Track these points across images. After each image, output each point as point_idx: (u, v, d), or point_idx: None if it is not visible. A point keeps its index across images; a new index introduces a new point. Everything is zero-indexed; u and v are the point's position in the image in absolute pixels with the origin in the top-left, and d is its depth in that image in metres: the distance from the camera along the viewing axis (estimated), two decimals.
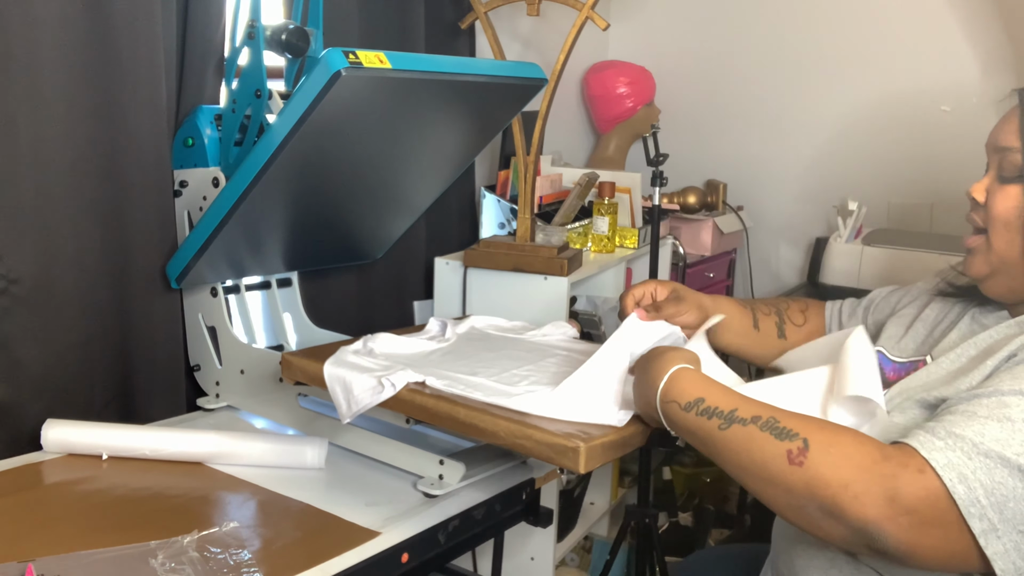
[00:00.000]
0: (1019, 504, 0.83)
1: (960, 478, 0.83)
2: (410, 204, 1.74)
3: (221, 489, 1.25)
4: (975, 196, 1.07)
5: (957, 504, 0.83)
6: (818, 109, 2.70)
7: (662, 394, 1.01)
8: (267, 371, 1.49)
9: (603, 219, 2.17)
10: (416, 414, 1.19)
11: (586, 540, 2.54)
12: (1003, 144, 1.04)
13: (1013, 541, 0.83)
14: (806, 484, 0.87)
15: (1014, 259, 1.03)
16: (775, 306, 1.41)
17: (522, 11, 2.05)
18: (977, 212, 1.07)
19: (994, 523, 0.82)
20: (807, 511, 0.87)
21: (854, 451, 0.87)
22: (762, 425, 0.92)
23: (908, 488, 0.84)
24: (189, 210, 1.52)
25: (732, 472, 0.95)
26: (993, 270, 1.05)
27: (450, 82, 1.37)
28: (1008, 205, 1.02)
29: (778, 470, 0.89)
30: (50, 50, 1.29)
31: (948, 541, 0.83)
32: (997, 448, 0.84)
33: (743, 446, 0.92)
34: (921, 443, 0.86)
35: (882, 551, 0.84)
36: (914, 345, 1.17)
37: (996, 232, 1.04)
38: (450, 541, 1.23)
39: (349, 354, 1.29)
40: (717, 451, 0.95)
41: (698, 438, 0.98)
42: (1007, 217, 1.02)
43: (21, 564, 0.99)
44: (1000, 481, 0.83)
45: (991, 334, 1.03)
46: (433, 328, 1.49)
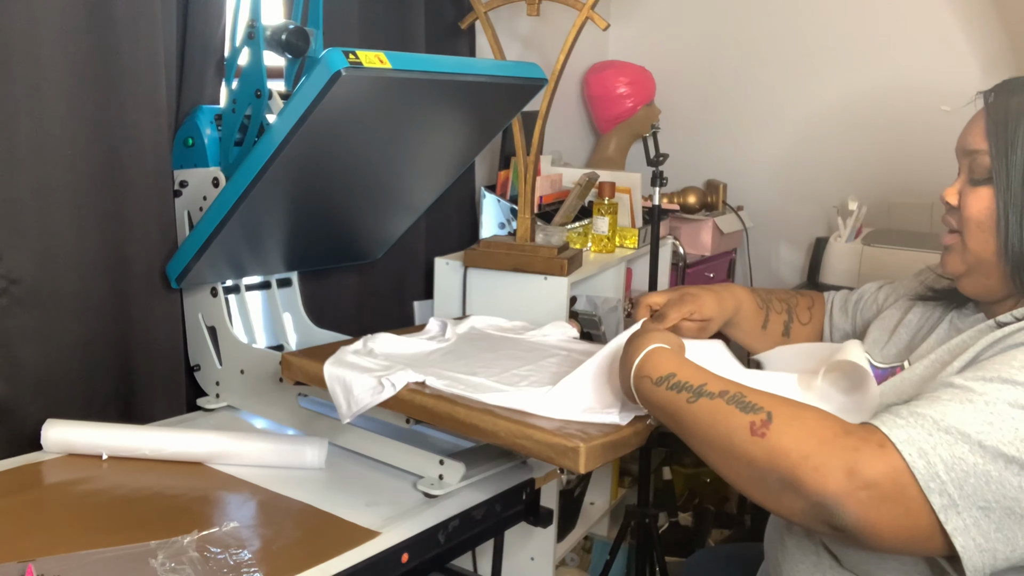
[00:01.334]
0: (979, 480, 0.82)
1: (920, 453, 0.83)
2: (410, 204, 1.74)
3: (221, 489, 1.25)
4: (948, 200, 1.08)
5: (917, 479, 0.82)
6: (818, 109, 2.70)
7: (636, 369, 1.04)
8: (267, 371, 1.49)
9: (603, 219, 2.17)
10: (416, 414, 1.19)
11: (586, 540, 2.54)
12: (972, 147, 1.05)
13: (973, 517, 0.82)
14: (767, 455, 0.88)
15: (989, 258, 1.03)
16: (787, 303, 1.41)
17: (522, 11, 2.05)
18: (951, 215, 1.08)
19: (954, 499, 0.82)
20: (767, 483, 0.88)
21: (816, 425, 0.88)
22: (729, 399, 0.94)
23: (868, 462, 0.84)
24: (189, 210, 1.52)
25: (697, 447, 0.96)
26: (969, 268, 1.06)
27: (450, 82, 1.37)
28: (980, 207, 1.03)
29: (740, 440, 0.90)
30: (50, 50, 1.29)
31: (908, 518, 0.83)
32: (958, 425, 0.84)
33: (709, 418, 0.94)
34: (883, 421, 0.87)
35: (840, 527, 0.84)
36: (896, 351, 1.18)
37: (970, 233, 1.05)
38: (450, 541, 1.23)
39: (349, 354, 1.29)
40: (684, 425, 0.97)
41: (667, 412, 0.99)
42: (979, 218, 1.03)
43: (21, 564, 0.99)
44: (960, 457, 0.83)
45: (963, 338, 1.04)
46: (433, 328, 1.49)
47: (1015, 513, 0.83)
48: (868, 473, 0.83)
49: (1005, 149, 1.01)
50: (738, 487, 0.93)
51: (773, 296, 1.41)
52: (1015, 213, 1.00)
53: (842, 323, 1.38)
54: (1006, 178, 1.00)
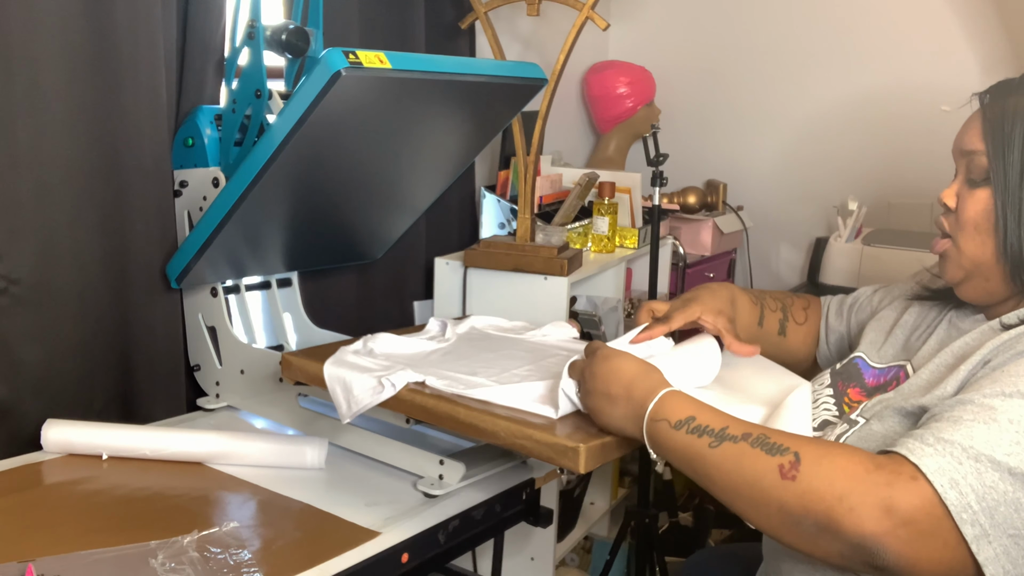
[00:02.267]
0: (1009, 508, 0.82)
1: (951, 483, 0.82)
2: (410, 204, 1.74)
3: (221, 489, 1.25)
4: (946, 201, 1.07)
5: (949, 511, 0.82)
6: (818, 109, 2.70)
7: (652, 412, 0.99)
8: (267, 371, 1.49)
9: (603, 219, 2.17)
10: (416, 414, 1.19)
11: (586, 540, 2.54)
12: (969, 148, 1.04)
13: (1003, 546, 0.82)
14: (799, 499, 0.86)
15: (988, 261, 1.03)
16: (782, 302, 1.41)
17: (522, 11, 2.05)
18: (947, 217, 1.08)
19: (985, 528, 0.82)
20: (802, 528, 0.86)
21: (846, 462, 0.86)
22: (752, 441, 0.91)
23: (903, 497, 0.82)
24: (189, 210, 1.52)
25: (722, 494, 0.93)
26: (967, 274, 1.06)
27: (450, 82, 1.37)
28: (978, 208, 1.03)
29: (770, 485, 0.88)
30: (50, 50, 1.29)
31: (947, 550, 0.82)
32: (987, 451, 0.84)
33: (734, 463, 0.91)
34: (910, 450, 0.85)
35: (882, 567, 0.83)
36: (893, 351, 1.18)
37: (967, 236, 1.04)
38: (450, 541, 1.23)
39: (349, 354, 1.29)
40: (707, 470, 0.93)
41: (687, 457, 0.96)
42: (977, 220, 1.03)
43: (21, 564, 0.99)
44: (991, 485, 0.82)
45: (966, 340, 1.03)
46: (433, 328, 1.49)
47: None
48: (905, 509, 0.82)
49: (1002, 149, 1.00)
50: (769, 533, 0.91)
51: (767, 296, 1.41)
52: (1013, 213, 1.00)
53: (837, 325, 1.38)
54: (1004, 178, 1.00)
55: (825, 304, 1.42)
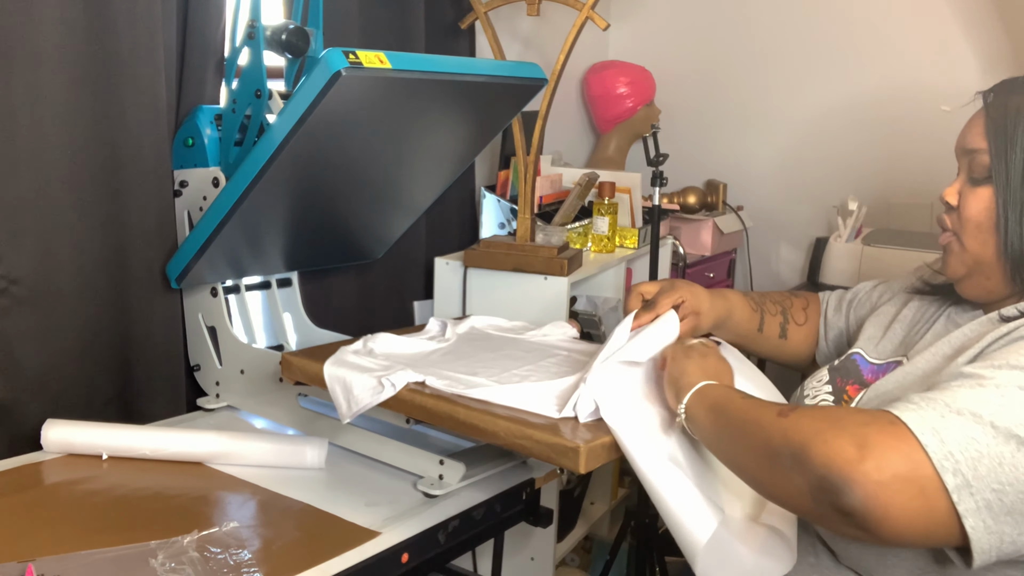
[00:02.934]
0: (993, 462, 0.81)
1: (932, 432, 0.82)
2: (410, 204, 1.74)
3: (221, 489, 1.25)
4: (948, 200, 1.08)
5: (930, 458, 0.80)
6: (818, 109, 2.70)
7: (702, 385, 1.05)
8: (267, 371, 1.49)
9: (603, 219, 2.17)
10: (416, 414, 1.19)
11: (586, 540, 2.54)
12: (971, 146, 1.05)
13: (985, 499, 0.81)
14: (783, 432, 0.88)
15: (989, 259, 1.03)
16: (782, 304, 1.41)
17: (522, 11, 2.05)
18: (950, 215, 1.08)
19: (968, 479, 0.80)
20: (780, 461, 0.87)
21: (836, 409, 0.92)
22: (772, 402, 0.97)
23: (878, 436, 0.82)
24: (189, 210, 1.52)
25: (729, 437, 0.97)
26: (969, 271, 1.06)
27: (450, 82, 1.37)
28: (980, 207, 1.03)
29: (767, 422, 0.91)
30: (50, 50, 1.29)
31: (922, 499, 0.80)
32: (971, 407, 0.84)
33: (749, 408, 0.97)
34: (894, 406, 0.86)
35: (848, 509, 0.80)
36: (892, 347, 1.18)
37: (969, 234, 1.05)
38: (450, 541, 1.23)
39: (349, 354, 1.29)
40: (727, 413, 0.98)
41: (719, 403, 1.01)
42: (979, 219, 1.03)
43: (21, 564, 0.99)
44: (974, 437, 0.82)
45: (964, 332, 1.04)
46: (433, 328, 1.49)
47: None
48: (878, 447, 0.81)
49: (1004, 148, 1.01)
50: (758, 475, 0.93)
51: (767, 299, 1.41)
52: (1015, 212, 1.00)
53: (836, 321, 1.39)
54: (1006, 177, 1.01)
55: (824, 300, 1.43)
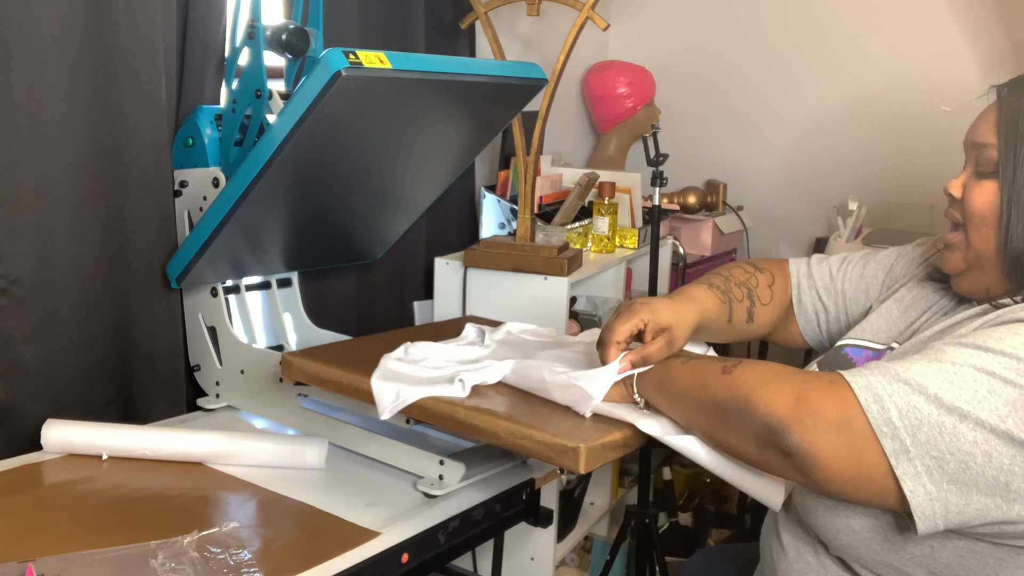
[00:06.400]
0: (933, 431, 0.83)
1: (875, 398, 0.85)
2: (410, 204, 1.74)
3: (221, 489, 1.25)
4: (952, 192, 1.08)
5: (869, 420, 0.84)
6: (818, 109, 2.70)
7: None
8: (267, 371, 1.49)
9: (603, 219, 2.17)
10: (416, 414, 1.18)
11: (586, 540, 2.54)
12: (980, 140, 1.05)
13: (925, 465, 0.82)
14: (728, 387, 0.94)
15: (989, 255, 1.03)
16: (747, 286, 1.36)
17: (522, 11, 2.05)
18: (955, 207, 1.08)
19: (906, 444, 0.83)
20: (728, 416, 0.93)
21: (777, 366, 0.95)
22: (713, 359, 1.04)
23: (816, 391, 0.87)
24: (189, 210, 1.52)
25: (678, 403, 1.03)
26: (969, 266, 1.06)
27: (450, 82, 1.37)
28: (984, 200, 1.03)
29: (712, 380, 0.97)
30: (50, 50, 1.29)
31: (852, 452, 0.84)
32: (918, 378, 0.86)
33: (693, 370, 1.03)
34: (845, 372, 0.90)
35: (786, 450, 0.86)
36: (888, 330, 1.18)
37: (974, 228, 1.05)
38: (450, 541, 1.23)
39: (392, 361, 1.25)
40: (673, 382, 1.04)
41: (663, 376, 1.06)
42: (983, 212, 1.03)
43: (21, 564, 0.99)
44: (915, 406, 0.84)
45: (956, 318, 1.05)
46: (470, 334, 1.46)
47: (970, 468, 0.82)
48: (815, 401, 0.86)
49: (1014, 145, 1.01)
50: (707, 432, 0.99)
51: (732, 283, 1.35)
52: (1018, 209, 1.00)
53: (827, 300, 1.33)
54: (1012, 173, 1.00)
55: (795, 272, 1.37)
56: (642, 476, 2.16)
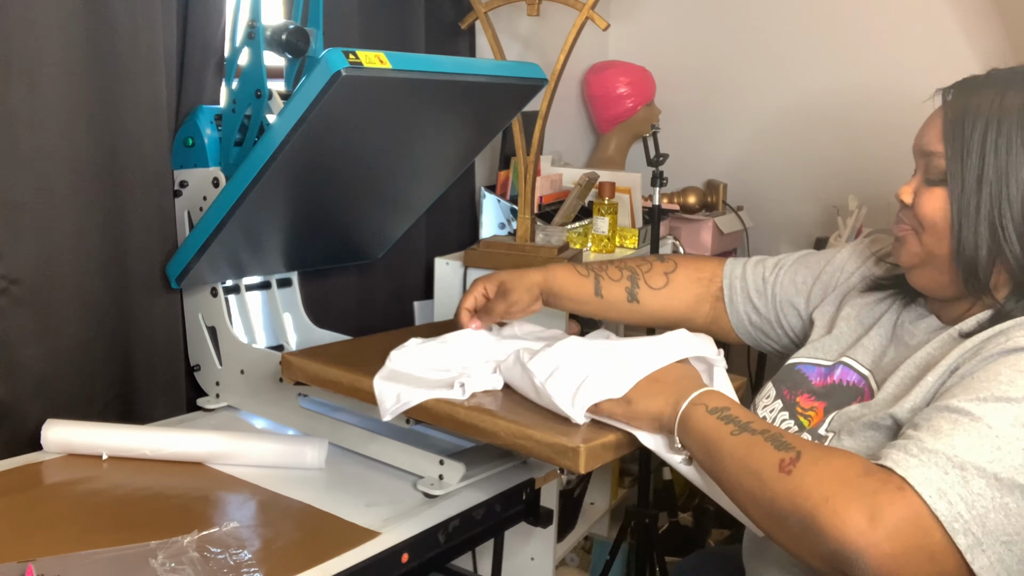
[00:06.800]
0: (999, 515, 0.81)
1: (940, 493, 0.81)
2: (410, 204, 1.74)
3: (221, 489, 1.25)
4: (903, 198, 1.08)
5: (940, 521, 0.80)
6: (818, 109, 2.70)
7: (695, 398, 1.00)
8: (267, 371, 1.49)
9: (603, 219, 2.17)
10: (416, 414, 1.18)
11: (586, 540, 2.54)
12: (928, 148, 1.04)
13: (997, 553, 0.81)
14: (789, 493, 0.86)
15: (943, 256, 1.03)
16: (633, 269, 1.37)
17: (522, 11, 2.05)
18: (905, 213, 1.08)
19: (978, 537, 0.80)
20: (789, 524, 0.86)
21: (840, 465, 0.86)
22: (767, 437, 0.92)
23: (889, 507, 0.81)
24: (189, 210, 1.52)
25: (728, 482, 0.94)
26: (922, 262, 1.06)
27: (450, 82, 1.37)
28: (935, 207, 1.03)
29: (769, 477, 0.88)
30: (50, 50, 1.29)
31: (932, 564, 0.80)
32: (971, 458, 0.82)
33: (745, 451, 0.92)
34: (896, 462, 0.84)
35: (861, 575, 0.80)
36: (838, 346, 1.17)
37: (925, 232, 1.04)
38: (450, 541, 1.23)
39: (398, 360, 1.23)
40: (721, 456, 0.94)
41: (710, 439, 0.96)
42: (933, 219, 1.03)
43: (21, 564, 0.99)
44: (979, 493, 0.81)
45: (928, 351, 1.03)
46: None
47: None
48: (890, 520, 0.80)
49: (961, 152, 1.00)
50: (762, 527, 0.91)
51: (612, 266, 1.37)
52: (968, 218, 0.99)
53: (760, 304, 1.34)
54: (960, 182, 1.00)
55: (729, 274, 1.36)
56: (642, 476, 2.16)
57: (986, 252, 0.98)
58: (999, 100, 0.99)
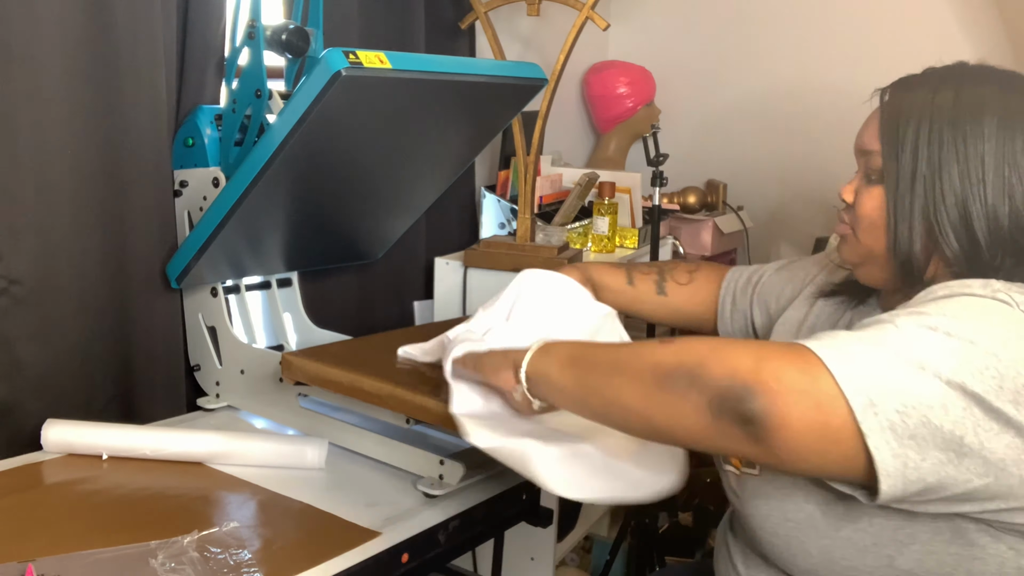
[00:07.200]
0: (895, 384, 0.80)
1: (835, 353, 0.81)
2: (410, 204, 1.74)
3: (221, 489, 1.25)
4: (845, 197, 1.10)
5: (832, 374, 0.79)
6: (818, 109, 2.70)
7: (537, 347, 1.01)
8: (267, 371, 1.49)
9: (603, 219, 2.17)
10: (416, 414, 1.18)
11: (586, 540, 2.54)
12: (866, 147, 1.07)
13: (889, 419, 0.79)
14: (675, 353, 0.86)
15: (881, 253, 1.04)
16: (658, 267, 1.42)
17: (522, 11, 2.05)
18: (847, 212, 1.10)
19: (871, 398, 0.79)
20: (675, 383, 0.84)
21: (723, 338, 0.91)
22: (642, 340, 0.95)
23: (778, 353, 0.81)
24: (189, 210, 1.52)
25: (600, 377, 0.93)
26: (863, 259, 1.08)
27: (450, 82, 1.37)
28: (872, 206, 1.04)
29: (648, 353, 0.89)
30: (50, 50, 1.29)
31: (820, 412, 0.79)
32: (873, 338, 0.83)
33: (623, 346, 0.94)
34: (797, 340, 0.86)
35: (749, 416, 0.79)
36: None
37: (864, 230, 1.06)
38: (450, 541, 1.23)
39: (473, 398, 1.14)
40: (595, 355, 0.95)
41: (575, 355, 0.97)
42: (871, 217, 1.04)
43: (21, 564, 0.99)
44: (876, 359, 0.81)
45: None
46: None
47: (930, 422, 0.80)
48: (777, 361, 0.80)
49: (895, 150, 1.02)
50: (643, 414, 0.88)
51: (640, 264, 1.43)
52: (903, 214, 1.00)
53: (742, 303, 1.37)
54: (895, 179, 1.01)
55: (732, 278, 1.40)
56: None
57: (921, 247, 1.00)
58: (931, 98, 1.02)
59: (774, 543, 1.03)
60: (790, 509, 1.00)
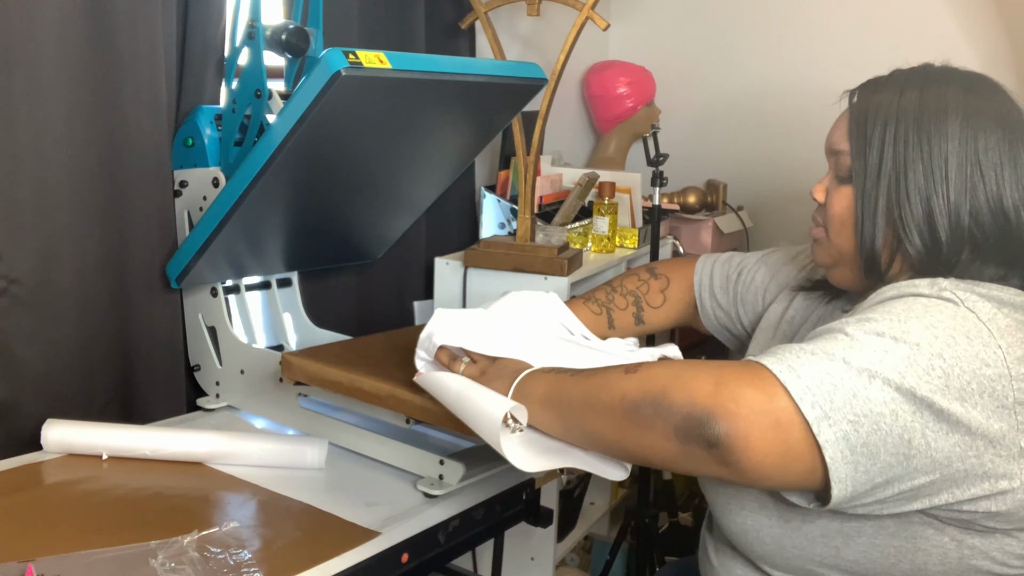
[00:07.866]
0: (847, 394, 0.83)
1: (789, 368, 0.84)
2: (410, 204, 1.74)
3: (221, 489, 1.26)
4: (816, 197, 1.13)
5: (788, 391, 0.82)
6: (818, 108, 2.69)
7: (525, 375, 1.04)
8: (267, 371, 1.49)
9: (603, 219, 2.17)
10: (416, 414, 1.18)
11: (586, 540, 2.54)
12: (836, 147, 1.08)
13: (843, 430, 0.82)
14: (639, 383, 0.90)
15: (851, 252, 1.06)
16: (634, 294, 1.41)
17: (522, 11, 2.05)
18: (819, 212, 1.12)
19: (825, 410, 0.82)
20: (641, 412, 0.88)
21: (687, 360, 0.93)
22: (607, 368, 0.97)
23: (734, 374, 0.85)
24: (189, 210, 1.52)
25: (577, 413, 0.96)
26: (834, 261, 1.10)
27: (450, 82, 1.37)
28: (842, 205, 1.06)
29: (615, 382, 0.92)
30: (50, 50, 1.29)
31: (779, 430, 0.82)
32: (824, 348, 0.86)
33: (589, 376, 0.97)
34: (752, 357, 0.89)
35: (713, 440, 0.82)
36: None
37: (834, 230, 1.08)
38: (450, 541, 1.23)
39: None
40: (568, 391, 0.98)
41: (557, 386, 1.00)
42: (841, 216, 1.07)
43: (21, 564, 0.99)
44: (828, 371, 0.83)
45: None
46: None
47: (880, 428, 0.83)
48: (735, 384, 0.84)
49: (863, 150, 1.03)
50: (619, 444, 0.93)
51: (617, 294, 1.42)
52: (869, 212, 1.02)
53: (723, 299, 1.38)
54: (863, 178, 1.03)
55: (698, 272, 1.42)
56: (642, 476, 2.16)
57: (884, 244, 1.02)
58: (898, 99, 1.04)
59: (733, 531, 1.07)
60: (746, 499, 1.05)
